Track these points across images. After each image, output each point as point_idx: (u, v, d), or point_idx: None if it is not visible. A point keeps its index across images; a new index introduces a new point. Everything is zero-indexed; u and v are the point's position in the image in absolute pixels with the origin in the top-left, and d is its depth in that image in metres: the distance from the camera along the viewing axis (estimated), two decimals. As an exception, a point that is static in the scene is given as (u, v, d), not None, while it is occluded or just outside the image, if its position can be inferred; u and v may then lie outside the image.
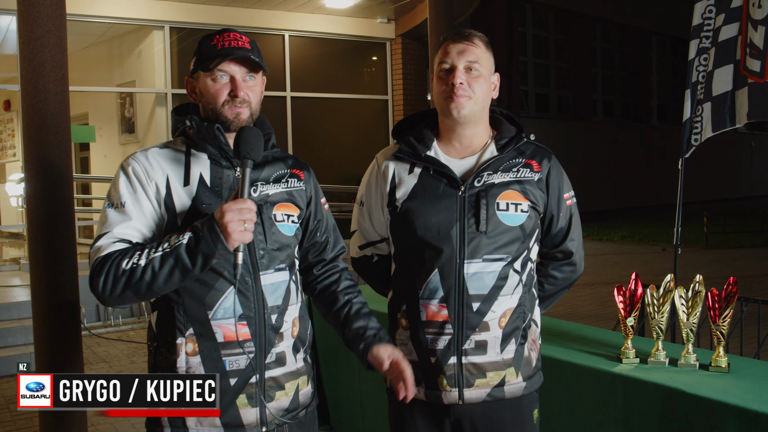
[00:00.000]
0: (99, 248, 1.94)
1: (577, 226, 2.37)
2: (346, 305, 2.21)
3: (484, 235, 2.16)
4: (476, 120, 2.23)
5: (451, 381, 2.18)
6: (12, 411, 5.38)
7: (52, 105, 4.64)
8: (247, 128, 1.95)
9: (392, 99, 12.86)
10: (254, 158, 1.92)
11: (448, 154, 2.26)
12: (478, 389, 2.18)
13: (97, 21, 10.22)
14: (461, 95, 2.15)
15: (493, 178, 2.20)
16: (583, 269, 2.45)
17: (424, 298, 2.20)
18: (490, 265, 2.16)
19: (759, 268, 10.85)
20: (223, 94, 2.01)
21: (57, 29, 4.67)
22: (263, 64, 2.06)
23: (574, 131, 19.75)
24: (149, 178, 2.01)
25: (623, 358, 2.74)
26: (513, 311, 2.19)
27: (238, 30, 2.07)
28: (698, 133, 4.72)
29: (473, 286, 2.16)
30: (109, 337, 7.53)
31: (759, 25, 4.30)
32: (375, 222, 2.38)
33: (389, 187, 2.29)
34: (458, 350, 2.17)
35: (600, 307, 8.36)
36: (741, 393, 2.33)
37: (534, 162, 2.27)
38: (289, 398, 2.09)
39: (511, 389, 2.21)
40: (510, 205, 2.18)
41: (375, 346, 2.10)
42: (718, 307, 2.55)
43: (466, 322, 2.16)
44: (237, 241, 1.83)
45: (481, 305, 2.16)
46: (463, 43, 2.19)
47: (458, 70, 2.16)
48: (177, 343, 2.00)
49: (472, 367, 2.17)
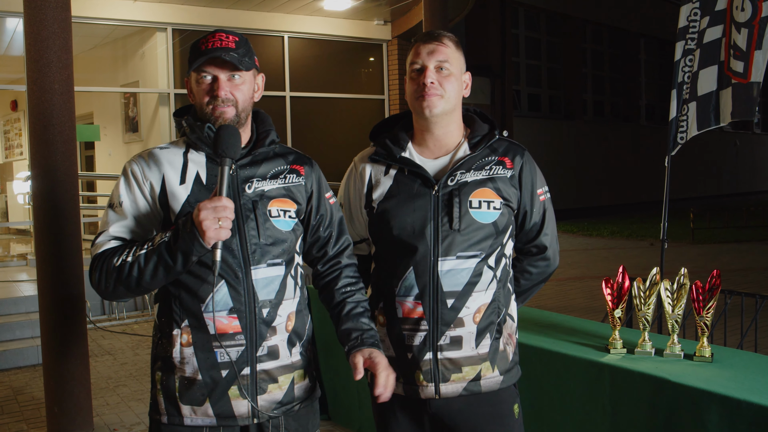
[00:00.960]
0: (97, 246, 2.01)
1: (551, 220, 2.37)
2: (340, 305, 2.20)
3: (457, 232, 2.17)
4: (448, 119, 2.23)
5: (428, 376, 2.19)
6: (20, 402, 5.44)
7: (58, 104, 4.65)
8: (224, 127, 1.95)
9: (388, 99, 12.89)
10: (231, 156, 1.92)
11: (422, 155, 2.27)
12: (453, 384, 2.19)
13: (101, 23, 10.19)
14: (432, 94, 2.16)
15: (466, 177, 2.21)
16: (558, 263, 2.45)
17: (400, 295, 2.21)
18: (464, 262, 2.17)
19: (743, 262, 10.93)
20: (206, 94, 2.02)
21: (62, 31, 4.69)
22: (244, 62, 2.03)
23: (565, 130, 19.82)
24: (145, 178, 2.04)
25: (611, 349, 2.77)
26: (487, 307, 2.20)
27: (233, 30, 2.07)
28: (684, 131, 4.74)
29: (447, 283, 2.17)
30: (113, 330, 7.58)
31: (742, 27, 4.34)
32: (354, 223, 2.38)
33: (366, 188, 2.31)
34: (434, 346, 2.18)
35: (589, 300, 8.43)
36: (724, 382, 2.37)
37: (507, 159, 2.26)
38: (282, 391, 2.09)
39: (487, 383, 2.22)
40: (483, 202, 2.19)
41: (354, 352, 2.10)
42: (702, 299, 2.59)
43: (441, 319, 2.17)
44: (212, 238, 1.83)
45: (456, 301, 2.17)
46: (433, 44, 2.20)
47: (429, 69, 2.17)
48: (173, 334, 2.03)
49: (448, 362, 2.18)
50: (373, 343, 2.12)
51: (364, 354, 2.08)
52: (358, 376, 2.05)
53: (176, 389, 2.05)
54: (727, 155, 26.54)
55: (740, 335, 4.30)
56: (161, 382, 2.08)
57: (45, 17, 4.64)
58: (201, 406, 2.04)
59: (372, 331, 2.16)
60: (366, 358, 2.07)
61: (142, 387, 5.64)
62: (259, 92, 2.14)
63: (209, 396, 2.03)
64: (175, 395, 2.05)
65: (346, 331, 2.15)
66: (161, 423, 2.08)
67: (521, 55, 19.32)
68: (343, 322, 2.17)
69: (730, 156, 26.70)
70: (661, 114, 23.74)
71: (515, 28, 18.96)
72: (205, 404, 2.03)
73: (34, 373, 6.13)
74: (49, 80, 4.64)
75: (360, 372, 2.05)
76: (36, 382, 5.87)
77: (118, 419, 4.98)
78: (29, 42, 4.68)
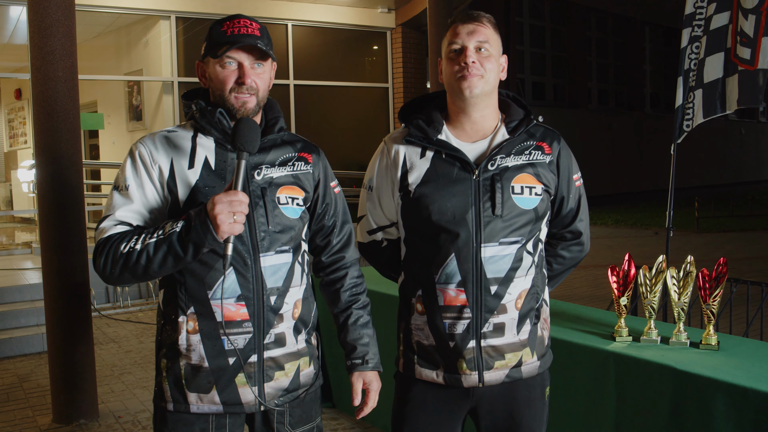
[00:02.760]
0: (102, 230, 1.97)
1: (585, 206, 2.35)
2: (346, 312, 2.20)
3: (499, 218, 2.12)
4: (487, 101, 2.18)
5: (471, 364, 2.16)
6: (25, 389, 5.44)
7: (62, 93, 4.63)
8: (244, 120, 1.92)
9: (392, 87, 12.87)
10: (249, 151, 1.90)
11: (459, 138, 2.21)
12: (497, 371, 2.17)
13: (105, 11, 10.20)
14: (474, 74, 2.11)
15: (507, 162, 2.16)
16: (589, 248, 2.43)
17: (440, 282, 2.16)
18: (506, 248, 2.13)
19: (748, 251, 10.92)
20: (231, 81, 1.98)
21: (66, 19, 4.66)
22: (271, 51, 2.01)
23: (570, 119, 19.79)
24: (153, 161, 2.00)
25: (616, 337, 2.77)
26: (527, 292, 2.18)
27: (253, 17, 2.04)
28: (690, 119, 4.73)
29: (491, 270, 2.13)
30: (118, 318, 7.58)
31: (749, 14, 4.32)
32: (385, 207, 2.32)
33: (401, 171, 2.23)
34: (477, 334, 2.14)
35: (594, 289, 8.44)
36: (730, 370, 2.36)
37: (545, 144, 2.22)
38: (289, 378, 2.09)
39: (527, 369, 2.20)
40: (524, 188, 2.15)
41: (356, 373, 2.16)
42: (708, 287, 2.58)
43: (485, 306, 2.13)
44: (226, 232, 1.82)
45: (499, 288, 2.14)
46: (473, 24, 2.15)
47: (469, 49, 2.12)
48: (179, 321, 2.01)
49: (491, 349, 2.15)
50: (375, 365, 2.21)
51: (366, 378, 2.19)
52: (357, 400, 2.16)
53: (182, 376, 2.03)
54: (733, 144, 26.50)
55: (746, 324, 4.30)
56: (167, 369, 2.06)
57: (48, 5, 4.62)
58: (207, 393, 2.02)
59: (375, 348, 2.23)
60: (365, 382, 2.19)
61: (147, 375, 5.66)
62: (271, 81, 2.12)
63: (216, 383, 2.02)
64: (181, 382, 2.03)
65: (352, 344, 2.20)
66: (167, 410, 2.07)
67: (525, 43, 19.34)
68: (350, 332, 2.21)
69: (735, 144, 26.67)
70: (666, 102, 23.74)
71: (519, 15, 18.96)
72: (212, 392, 2.02)
73: (40, 361, 6.17)
74: (53, 68, 4.63)
75: (358, 397, 2.17)
76: (41, 369, 5.90)
77: (123, 406, 4.99)
78: (33, 30, 4.66)
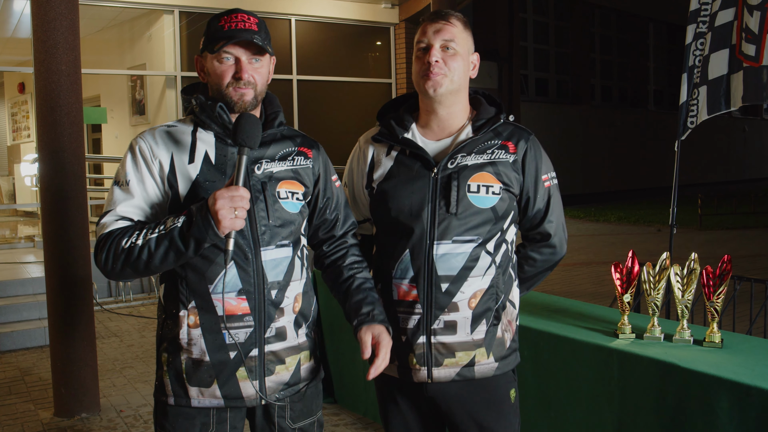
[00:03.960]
0: (103, 225, 1.97)
1: (556, 207, 2.31)
2: (349, 279, 2.19)
3: (454, 216, 2.14)
4: (453, 99, 2.20)
5: (420, 360, 2.18)
6: (27, 382, 5.45)
7: (65, 86, 4.63)
8: (245, 115, 1.92)
9: (396, 82, 12.84)
10: (250, 146, 1.90)
11: (425, 136, 2.25)
12: (446, 368, 2.17)
13: (108, 5, 10.17)
14: (437, 73, 2.14)
15: (467, 160, 2.17)
16: (565, 251, 2.39)
17: (396, 277, 2.20)
18: (459, 247, 2.14)
19: (750, 248, 10.91)
20: (228, 75, 1.99)
21: (69, 12, 4.66)
22: (268, 46, 2.02)
23: (573, 115, 19.80)
24: (153, 156, 2.01)
25: (620, 334, 2.75)
26: (484, 292, 2.17)
27: (251, 11, 2.05)
28: (694, 115, 4.74)
29: (442, 267, 2.14)
30: (120, 312, 7.60)
31: (755, 10, 4.33)
32: (357, 203, 2.37)
33: (368, 168, 2.30)
34: (427, 330, 2.16)
35: (596, 286, 8.44)
36: (734, 367, 2.35)
37: (510, 143, 2.21)
38: (289, 372, 2.09)
39: (481, 369, 2.19)
40: (481, 187, 2.15)
41: (363, 327, 2.08)
42: (712, 285, 2.57)
43: (435, 303, 2.15)
44: (227, 228, 1.82)
45: (450, 286, 2.14)
46: (440, 23, 2.17)
47: (434, 48, 2.15)
48: (180, 316, 2.02)
49: (441, 346, 2.16)
50: (383, 320, 2.11)
51: (374, 331, 2.06)
52: (366, 354, 2.03)
53: (183, 371, 2.03)
54: (736, 141, 26.45)
55: (749, 321, 4.29)
56: (168, 364, 2.06)
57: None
58: (209, 387, 2.03)
59: (381, 306, 2.15)
60: (374, 335, 2.05)
61: (149, 369, 5.67)
62: (270, 76, 2.12)
63: (217, 377, 2.02)
64: (182, 377, 2.04)
65: (356, 304, 2.13)
66: (167, 404, 2.07)
67: (529, 39, 19.32)
68: (353, 295, 2.15)
69: (738, 142, 26.62)
70: (669, 99, 23.71)
71: (523, 12, 18.94)
72: (213, 386, 2.02)
73: (42, 354, 6.18)
74: (56, 62, 4.63)
75: (368, 350, 2.03)
76: (43, 363, 5.91)
77: (124, 400, 5.00)
78: (36, 23, 4.66)
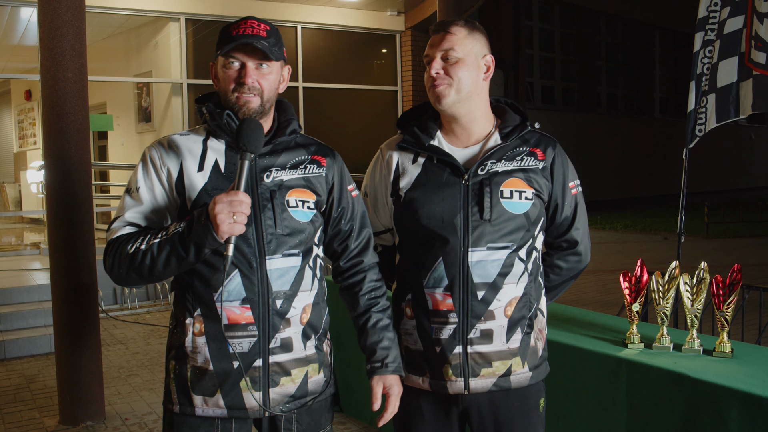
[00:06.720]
0: (112, 231, 2.01)
1: (582, 215, 2.32)
2: (365, 315, 2.16)
3: (488, 223, 2.12)
4: (467, 106, 2.19)
5: (457, 371, 2.14)
6: (32, 390, 5.45)
7: (71, 93, 4.65)
8: (248, 120, 1.91)
9: (401, 90, 12.86)
10: (252, 151, 1.88)
11: (451, 144, 2.23)
12: (483, 379, 2.15)
13: (115, 12, 10.22)
14: (439, 84, 2.14)
15: (497, 167, 2.16)
16: (589, 260, 2.39)
17: (428, 287, 2.16)
18: (494, 253, 2.13)
19: (758, 257, 10.84)
20: (233, 81, 1.99)
21: (76, 20, 4.68)
22: (274, 52, 2.00)
23: (579, 123, 19.78)
24: (163, 163, 2.03)
25: (628, 343, 2.74)
26: (519, 300, 2.16)
27: (266, 19, 2.05)
28: (702, 123, 4.72)
29: (477, 274, 2.12)
30: (125, 319, 7.62)
31: (765, 18, 4.29)
32: (379, 212, 2.34)
33: (393, 176, 2.26)
34: (463, 339, 2.13)
35: (603, 294, 8.40)
36: (745, 378, 2.32)
37: (538, 150, 2.23)
38: (296, 385, 2.06)
39: (517, 379, 2.17)
40: (514, 192, 2.15)
41: (375, 377, 2.09)
42: (722, 294, 2.55)
43: (471, 311, 2.13)
44: (226, 233, 1.81)
45: (486, 293, 2.13)
46: (439, 34, 2.18)
47: (435, 61, 2.16)
48: (186, 323, 2.02)
49: (478, 356, 2.14)
50: (396, 368, 2.12)
51: (386, 382, 2.09)
52: (376, 406, 2.05)
53: (188, 379, 2.03)
54: (743, 149, 26.39)
55: (758, 331, 4.26)
56: (174, 371, 2.06)
57: (59, 6, 4.65)
58: (212, 396, 2.01)
59: (396, 350, 2.15)
60: (385, 386, 2.10)
61: (154, 377, 5.66)
62: (284, 83, 2.10)
63: (221, 387, 2.01)
64: (187, 385, 2.03)
65: (372, 345, 2.13)
66: (173, 412, 2.07)
67: (535, 47, 19.33)
68: (369, 335, 2.14)
69: (745, 150, 26.56)
70: (675, 107, 23.68)
71: (529, 19, 18.95)
72: (217, 395, 2.01)
73: (47, 362, 6.17)
74: (62, 69, 4.65)
75: (378, 402, 2.05)
76: (48, 370, 5.91)
77: (129, 408, 4.99)
78: (43, 31, 4.68)
